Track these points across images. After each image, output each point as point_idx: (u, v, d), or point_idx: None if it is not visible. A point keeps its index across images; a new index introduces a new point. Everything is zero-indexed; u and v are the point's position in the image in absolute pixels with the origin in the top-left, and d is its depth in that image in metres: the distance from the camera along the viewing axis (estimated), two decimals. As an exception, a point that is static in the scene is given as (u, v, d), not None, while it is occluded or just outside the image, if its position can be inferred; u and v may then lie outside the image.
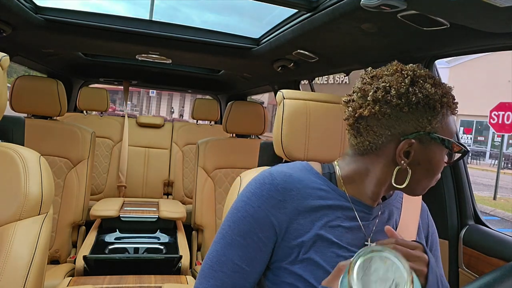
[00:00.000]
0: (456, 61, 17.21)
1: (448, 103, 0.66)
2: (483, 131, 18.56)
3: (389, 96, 0.65)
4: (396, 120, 0.65)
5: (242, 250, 0.69)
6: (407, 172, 0.67)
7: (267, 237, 0.69)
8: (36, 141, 1.91)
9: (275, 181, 0.70)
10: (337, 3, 0.97)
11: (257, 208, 0.69)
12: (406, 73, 0.66)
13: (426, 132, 0.65)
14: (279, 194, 0.69)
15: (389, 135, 0.66)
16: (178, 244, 2.03)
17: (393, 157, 0.67)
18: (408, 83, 0.65)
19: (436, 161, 0.67)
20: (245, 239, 0.69)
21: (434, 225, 0.84)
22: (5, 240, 0.82)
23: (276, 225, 0.69)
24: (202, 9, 1.75)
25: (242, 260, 0.69)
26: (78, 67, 2.81)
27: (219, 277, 0.69)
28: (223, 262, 0.69)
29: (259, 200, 0.69)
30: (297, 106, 1.03)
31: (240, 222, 0.70)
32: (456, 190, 1.21)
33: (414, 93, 0.64)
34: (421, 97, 0.64)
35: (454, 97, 0.68)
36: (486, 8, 0.66)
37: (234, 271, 0.69)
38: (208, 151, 2.19)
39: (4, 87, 0.91)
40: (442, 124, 0.66)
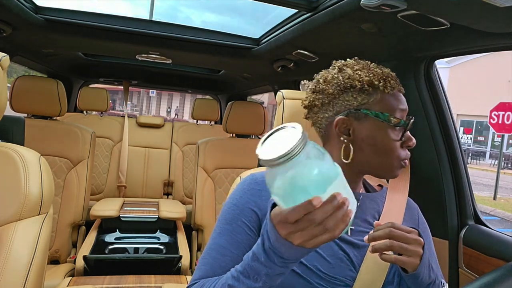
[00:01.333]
0: (456, 61, 17.21)
1: (376, 82, 0.73)
2: (483, 131, 18.56)
3: (320, 85, 0.77)
4: (329, 103, 0.76)
5: (229, 235, 0.74)
6: (351, 148, 0.74)
7: (250, 221, 0.74)
8: (36, 141, 1.91)
9: (254, 176, 0.80)
10: (337, 3, 0.97)
11: (239, 198, 0.77)
12: (338, 65, 0.78)
13: (356, 109, 0.73)
14: (257, 185, 0.77)
15: (327, 117, 0.76)
16: (178, 244, 2.03)
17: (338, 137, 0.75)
18: (335, 72, 0.76)
19: (380, 137, 0.73)
20: (231, 225, 0.74)
21: (425, 224, 0.87)
22: (5, 240, 0.82)
23: (257, 210, 0.74)
24: (202, 9, 1.75)
25: (230, 244, 0.73)
26: (78, 67, 2.81)
27: (208, 262, 0.73)
28: (212, 249, 0.74)
29: (240, 192, 0.78)
30: (297, 106, 1.03)
31: (225, 213, 0.77)
32: (456, 190, 1.21)
33: (337, 78, 0.74)
34: (342, 79, 0.74)
35: (391, 78, 0.74)
36: (486, 8, 0.66)
37: (222, 254, 0.72)
38: (208, 151, 2.19)
39: (4, 87, 0.91)
40: (374, 100, 0.73)
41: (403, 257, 0.64)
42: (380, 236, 0.64)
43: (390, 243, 0.64)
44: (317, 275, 0.68)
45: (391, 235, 0.64)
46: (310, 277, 0.68)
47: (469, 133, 18.70)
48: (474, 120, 18.36)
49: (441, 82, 1.22)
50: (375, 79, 0.72)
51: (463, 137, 18.33)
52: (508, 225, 6.91)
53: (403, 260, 0.64)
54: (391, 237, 0.64)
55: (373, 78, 0.72)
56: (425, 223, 0.87)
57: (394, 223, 0.66)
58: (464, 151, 1.25)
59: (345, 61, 0.78)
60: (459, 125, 18.31)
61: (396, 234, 0.64)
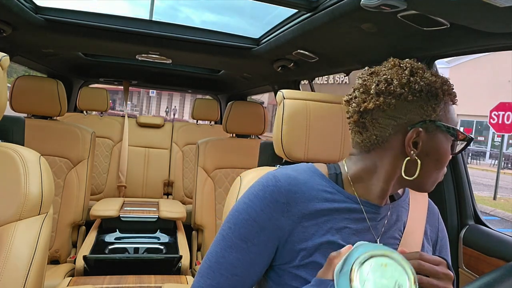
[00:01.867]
0: (456, 61, 17.21)
1: (449, 91, 0.68)
2: (483, 131, 18.56)
3: (392, 86, 0.65)
4: (401, 110, 0.65)
5: (242, 254, 0.67)
6: (417, 163, 0.66)
7: (268, 240, 0.67)
8: (36, 141, 1.91)
9: (278, 183, 0.69)
10: (337, 3, 0.97)
11: (259, 212, 0.67)
12: (404, 65, 0.68)
13: (432, 120, 0.65)
14: (282, 197, 0.67)
15: (395, 125, 0.66)
16: (178, 244, 2.03)
17: (401, 148, 0.67)
18: (408, 74, 0.66)
19: (443, 151, 0.67)
20: (246, 243, 0.67)
21: (445, 230, 0.83)
22: (5, 240, 0.82)
23: (279, 229, 0.67)
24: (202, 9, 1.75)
25: (241, 264, 0.67)
26: (78, 67, 2.81)
27: (216, 278, 0.68)
28: (222, 263, 0.68)
29: (262, 203, 0.67)
30: (297, 106, 1.03)
31: (241, 225, 0.68)
32: (456, 190, 1.21)
33: (416, 82, 0.65)
34: (423, 85, 0.65)
35: (453, 86, 0.69)
36: (486, 8, 0.66)
37: (232, 274, 0.67)
38: (208, 151, 2.19)
39: (4, 87, 0.91)
40: (445, 112, 0.67)
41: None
42: (426, 270, 0.60)
43: (418, 279, 0.58)
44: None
45: (420, 269, 0.59)
46: None
47: (469, 133, 18.57)
48: (474, 120, 18.36)
49: (441, 82, 1.22)
50: (444, 87, 0.67)
51: (463, 137, 18.27)
52: (508, 225, 6.91)
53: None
54: (420, 271, 0.59)
55: (443, 85, 0.67)
56: (444, 230, 0.83)
57: (423, 254, 0.62)
58: (464, 151, 1.25)
59: (402, 60, 0.70)
60: (459, 125, 18.23)
61: (426, 267, 0.60)
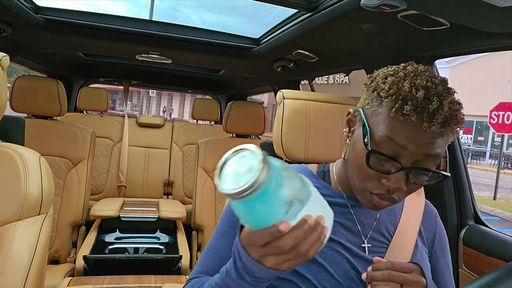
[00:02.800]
0: (456, 61, 17.21)
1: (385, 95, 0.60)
2: (483, 131, 18.57)
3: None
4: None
5: (230, 240, 0.71)
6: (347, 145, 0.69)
7: None
8: (36, 141, 1.91)
9: None
10: (337, 3, 0.96)
11: None
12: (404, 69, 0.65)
13: (359, 108, 0.67)
14: None
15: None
16: (178, 244, 2.03)
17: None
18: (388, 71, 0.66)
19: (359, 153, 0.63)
20: (233, 229, 0.71)
21: (443, 231, 0.82)
22: (5, 240, 0.82)
23: None
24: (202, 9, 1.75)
25: (229, 249, 0.70)
26: (78, 67, 2.81)
27: (206, 264, 0.72)
28: (212, 250, 0.72)
29: None
30: (297, 106, 1.03)
31: (230, 213, 0.73)
32: (456, 190, 1.21)
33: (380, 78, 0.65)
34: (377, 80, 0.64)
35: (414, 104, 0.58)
36: (486, 8, 0.66)
37: (220, 259, 0.70)
38: (208, 151, 2.19)
39: (4, 87, 0.91)
40: (380, 111, 0.61)
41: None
42: (378, 278, 0.62)
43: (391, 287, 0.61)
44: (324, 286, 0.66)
45: (391, 279, 0.61)
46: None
47: (469, 133, 18.70)
48: (474, 120, 18.35)
49: (441, 82, 1.22)
50: (390, 90, 0.60)
51: (463, 137, 18.32)
52: (508, 225, 6.91)
53: None
54: (391, 280, 0.61)
55: (391, 90, 0.60)
56: (442, 231, 0.81)
57: (394, 263, 0.63)
58: (464, 151, 1.25)
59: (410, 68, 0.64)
60: (459, 125, 18.26)
61: (396, 277, 0.61)
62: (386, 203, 0.63)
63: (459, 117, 0.59)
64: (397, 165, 0.60)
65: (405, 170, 0.59)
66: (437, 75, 0.64)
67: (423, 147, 0.58)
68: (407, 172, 0.59)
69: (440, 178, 0.62)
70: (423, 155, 0.59)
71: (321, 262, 0.67)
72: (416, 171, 0.60)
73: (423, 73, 0.62)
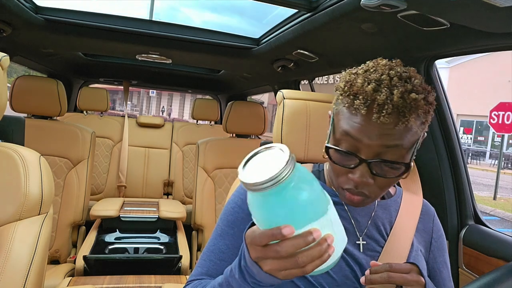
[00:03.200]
0: (456, 61, 17.21)
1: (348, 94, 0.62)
2: (483, 131, 18.56)
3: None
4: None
5: (229, 240, 0.71)
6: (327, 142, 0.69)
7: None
8: (36, 141, 1.91)
9: None
10: (337, 3, 0.96)
11: (245, 200, 0.71)
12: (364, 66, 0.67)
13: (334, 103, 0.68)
14: None
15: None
16: (178, 244, 2.03)
17: None
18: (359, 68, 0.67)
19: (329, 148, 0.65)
20: (232, 229, 0.72)
21: (441, 230, 0.82)
22: (5, 240, 0.82)
23: None
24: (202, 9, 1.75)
25: (228, 249, 0.70)
26: (78, 67, 2.81)
27: (206, 265, 0.71)
28: (212, 251, 0.72)
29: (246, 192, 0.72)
30: (297, 106, 1.03)
31: (229, 213, 0.73)
32: (456, 190, 1.21)
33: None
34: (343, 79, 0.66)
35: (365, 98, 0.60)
36: (486, 8, 0.66)
37: (220, 259, 0.70)
38: (208, 151, 2.19)
39: (4, 87, 0.91)
40: (338, 112, 0.64)
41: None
42: (377, 281, 0.61)
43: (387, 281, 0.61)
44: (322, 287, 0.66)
45: (390, 281, 0.61)
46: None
47: (469, 133, 18.70)
48: (474, 120, 18.35)
49: (441, 82, 1.22)
50: (345, 87, 0.63)
51: (463, 137, 18.33)
52: (508, 225, 6.91)
53: None
54: (390, 282, 0.61)
55: (346, 88, 0.63)
56: (439, 230, 0.81)
57: (392, 264, 0.62)
58: (464, 151, 1.25)
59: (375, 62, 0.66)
60: (459, 125, 18.30)
61: (395, 278, 0.61)
62: (358, 198, 0.64)
63: (415, 105, 0.58)
64: (355, 158, 0.61)
65: (365, 163, 0.60)
66: (407, 68, 0.64)
67: (378, 138, 0.59)
68: (369, 165, 0.60)
69: (404, 169, 0.61)
70: (382, 147, 0.59)
71: None
72: (378, 163, 0.61)
73: (384, 67, 0.63)
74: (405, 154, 0.61)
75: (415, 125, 0.60)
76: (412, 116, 0.58)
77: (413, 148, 0.62)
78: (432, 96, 0.62)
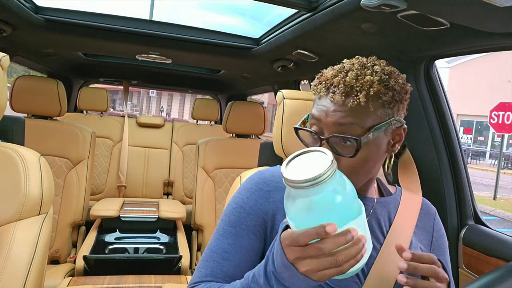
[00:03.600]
0: (456, 61, 17.21)
1: (316, 84, 0.69)
2: (483, 131, 18.56)
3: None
4: None
5: (232, 239, 0.72)
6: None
7: (256, 224, 0.72)
8: (36, 141, 1.91)
9: (262, 175, 0.77)
10: (337, 3, 0.96)
11: (246, 200, 0.74)
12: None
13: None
14: (265, 186, 0.74)
15: None
16: (178, 244, 2.03)
17: None
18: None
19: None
20: (234, 228, 0.72)
21: (442, 230, 0.82)
22: (5, 240, 0.82)
23: (264, 213, 0.72)
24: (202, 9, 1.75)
25: (231, 248, 0.71)
26: (78, 67, 2.81)
27: (209, 266, 0.71)
28: (214, 251, 0.72)
29: (248, 192, 0.75)
30: (297, 106, 1.03)
31: (230, 214, 0.74)
32: (456, 190, 1.21)
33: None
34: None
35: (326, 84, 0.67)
36: (486, 8, 0.66)
37: (224, 258, 0.70)
38: (208, 151, 2.19)
39: (4, 87, 0.91)
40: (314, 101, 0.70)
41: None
42: (422, 271, 0.60)
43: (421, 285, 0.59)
44: (321, 286, 0.66)
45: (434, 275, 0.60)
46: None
47: (469, 133, 18.70)
48: (474, 120, 18.36)
49: (441, 82, 1.22)
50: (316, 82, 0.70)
51: (463, 137, 18.33)
52: (508, 225, 6.91)
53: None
54: (432, 275, 0.60)
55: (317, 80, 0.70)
56: (440, 229, 0.81)
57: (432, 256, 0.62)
58: (464, 151, 1.25)
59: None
60: (459, 125, 18.30)
61: (440, 274, 0.60)
62: None
63: (368, 85, 0.62)
64: (316, 137, 0.67)
65: (325, 141, 0.65)
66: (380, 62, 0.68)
67: (333, 116, 0.64)
68: (328, 142, 0.65)
69: (356, 143, 0.63)
70: (337, 125, 0.64)
71: None
72: (334, 140, 0.65)
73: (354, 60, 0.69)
74: (362, 134, 0.63)
75: (372, 106, 0.63)
76: (362, 94, 0.62)
77: (373, 129, 0.63)
78: (399, 84, 0.66)
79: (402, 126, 0.69)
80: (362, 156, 0.64)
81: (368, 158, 0.65)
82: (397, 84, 0.65)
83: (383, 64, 0.68)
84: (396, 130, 0.69)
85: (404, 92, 0.67)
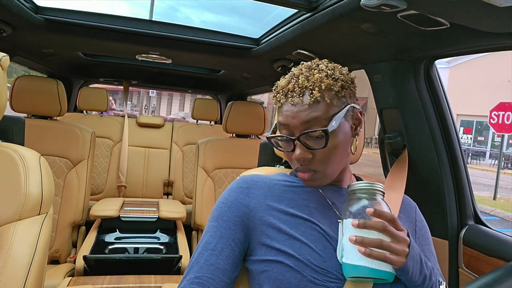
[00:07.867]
0: (456, 61, 17.21)
1: (274, 95, 0.77)
2: (483, 131, 18.56)
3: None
4: None
5: (214, 231, 0.77)
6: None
7: (236, 216, 0.77)
8: (36, 141, 1.91)
9: (243, 177, 0.84)
10: (337, 3, 0.97)
11: (227, 197, 0.80)
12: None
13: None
14: (245, 184, 0.81)
15: None
16: (178, 244, 2.03)
17: None
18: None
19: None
20: (216, 221, 0.78)
21: (423, 221, 0.87)
22: (5, 240, 0.82)
23: (245, 206, 0.78)
24: (202, 9, 1.75)
25: (214, 239, 0.75)
26: (78, 67, 2.81)
27: (198, 262, 0.75)
28: (202, 247, 0.76)
29: (229, 191, 0.82)
30: (297, 106, 1.02)
31: (214, 211, 0.80)
32: (456, 190, 1.21)
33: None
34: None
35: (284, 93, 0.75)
36: (486, 8, 0.66)
37: (205, 249, 0.75)
38: (208, 151, 2.19)
39: (4, 87, 0.91)
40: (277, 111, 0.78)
41: (391, 256, 0.64)
42: (372, 226, 0.65)
43: (380, 242, 0.64)
44: (311, 268, 0.69)
45: (385, 229, 0.65)
46: (303, 270, 0.69)
47: (469, 133, 18.70)
48: (474, 120, 18.35)
49: (441, 82, 1.22)
50: (274, 93, 0.77)
51: (463, 137, 18.33)
52: (508, 225, 6.91)
53: (391, 258, 0.64)
54: (383, 231, 0.65)
55: (274, 91, 0.77)
56: (423, 221, 0.87)
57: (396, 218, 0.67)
58: (464, 151, 1.25)
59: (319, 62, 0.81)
60: (459, 125, 18.30)
61: (390, 230, 0.65)
62: (307, 174, 0.75)
63: (319, 82, 0.72)
64: (290, 141, 0.74)
65: (297, 140, 0.73)
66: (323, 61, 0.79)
67: (297, 117, 0.72)
68: (300, 141, 0.72)
69: (324, 133, 0.70)
70: (303, 123, 0.71)
71: (303, 240, 0.72)
72: (304, 137, 0.72)
73: (300, 66, 0.78)
74: (327, 125, 0.71)
75: (328, 98, 0.72)
76: (316, 90, 0.71)
77: (335, 118, 0.71)
78: (344, 75, 0.76)
79: (359, 110, 0.78)
80: (333, 144, 0.72)
81: (338, 144, 0.73)
82: (343, 75, 0.75)
83: (325, 62, 0.79)
84: (354, 114, 0.77)
85: (350, 81, 0.77)
